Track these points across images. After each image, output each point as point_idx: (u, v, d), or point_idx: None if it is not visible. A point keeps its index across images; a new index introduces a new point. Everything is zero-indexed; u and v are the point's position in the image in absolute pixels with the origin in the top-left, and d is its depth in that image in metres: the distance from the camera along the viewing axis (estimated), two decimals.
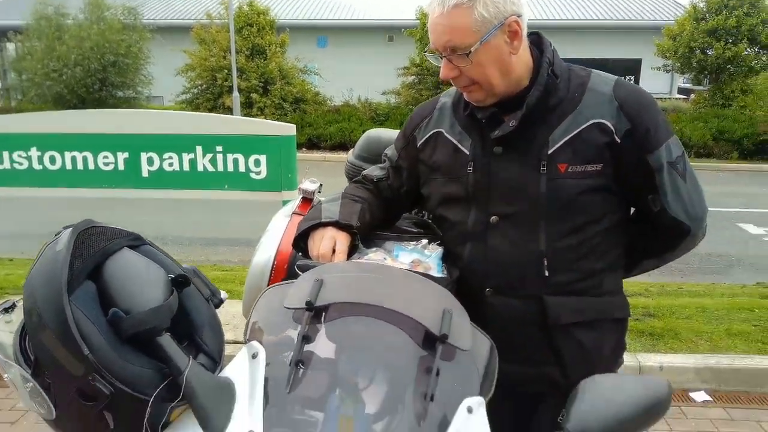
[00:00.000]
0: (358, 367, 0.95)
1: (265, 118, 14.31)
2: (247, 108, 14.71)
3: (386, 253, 1.39)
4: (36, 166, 3.58)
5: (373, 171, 1.61)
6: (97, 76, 15.23)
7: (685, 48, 14.91)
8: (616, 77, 1.39)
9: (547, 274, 1.34)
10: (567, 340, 1.38)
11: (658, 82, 19.16)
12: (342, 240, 1.35)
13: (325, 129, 14.31)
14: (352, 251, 1.39)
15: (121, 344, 0.88)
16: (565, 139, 1.31)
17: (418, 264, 1.35)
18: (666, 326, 3.73)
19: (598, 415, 0.90)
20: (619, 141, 1.30)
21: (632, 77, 14.87)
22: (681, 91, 21.10)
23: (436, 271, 1.35)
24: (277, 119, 13.20)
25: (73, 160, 3.56)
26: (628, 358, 2.79)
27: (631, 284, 4.34)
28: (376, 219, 1.51)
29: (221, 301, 1.10)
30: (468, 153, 1.40)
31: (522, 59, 1.34)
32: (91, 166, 3.57)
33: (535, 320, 1.36)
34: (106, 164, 3.57)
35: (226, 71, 14.44)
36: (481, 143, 1.39)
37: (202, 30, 15.40)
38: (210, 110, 15.01)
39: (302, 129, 13.68)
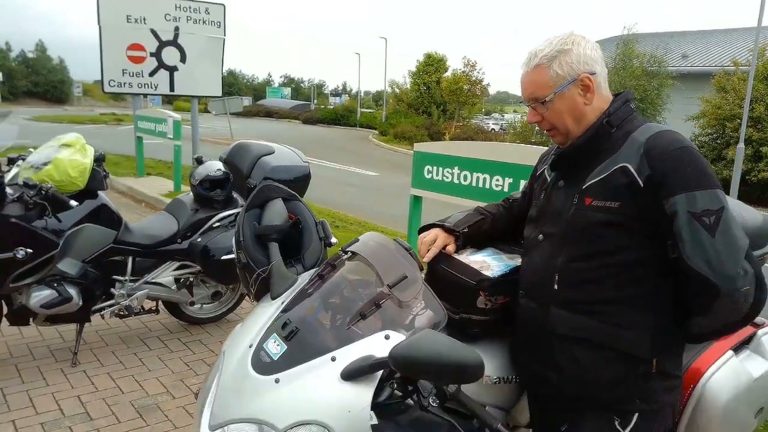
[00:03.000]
0: (341, 283, 1.60)
1: None
2: (754, 161, 13.32)
3: (470, 252, 1.84)
4: (455, 180, 4.84)
5: (516, 193, 2.00)
6: None
7: None
8: (666, 129, 1.47)
9: (556, 288, 1.56)
10: (564, 351, 1.55)
11: None
12: (441, 238, 1.82)
13: None
14: (459, 249, 1.87)
15: (257, 240, 1.79)
16: (598, 178, 1.52)
17: (481, 263, 1.76)
18: None
19: (417, 350, 1.26)
20: (642, 185, 1.42)
21: None
22: None
23: (492, 271, 1.72)
24: None
25: (477, 179, 4.67)
26: None
27: None
28: (499, 230, 1.92)
29: (331, 243, 1.87)
30: (547, 183, 1.71)
31: (597, 108, 1.58)
32: (488, 186, 4.60)
33: (544, 325, 1.58)
34: (497, 186, 4.53)
35: (738, 120, 13.45)
36: (555, 177, 1.68)
37: (724, 77, 14.73)
38: (712, 162, 14.27)
39: None
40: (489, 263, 1.77)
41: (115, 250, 3.83)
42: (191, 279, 4.23)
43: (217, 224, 4.14)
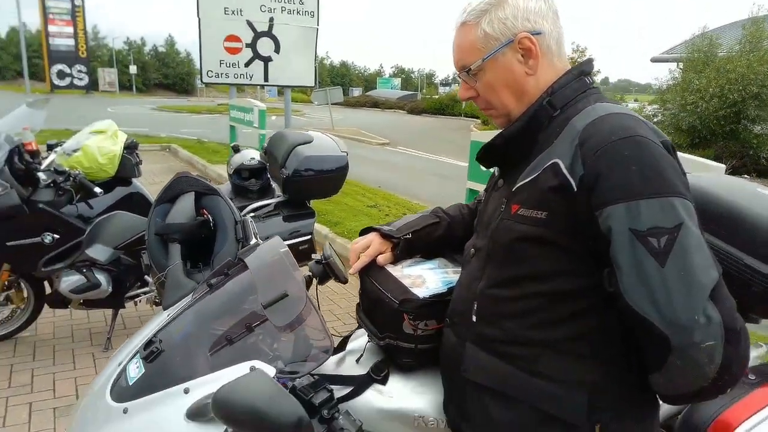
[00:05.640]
0: (224, 298, 1.33)
1: None
2: None
3: (410, 263, 1.50)
4: None
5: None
6: (734, 108, 14.75)
7: None
8: (617, 112, 1.06)
9: (474, 320, 1.19)
10: (477, 402, 1.20)
11: None
12: (375, 245, 1.49)
13: None
14: (397, 258, 1.53)
15: (161, 239, 1.57)
16: (528, 179, 1.15)
17: (415, 279, 1.42)
18: None
19: (235, 396, 0.98)
20: (575, 188, 1.04)
21: None
22: None
23: (424, 290, 1.38)
24: None
25: None
26: None
27: None
28: (457, 237, 1.56)
29: (249, 244, 1.60)
30: (492, 180, 1.36)
31: (543, 82, 1.20)
32: None
33: (459, 365, 1.23)
34: None
35: None
36: (498, 174, 1.32)
37: None
38: None
39: None
40: (426, 279, 1.44)
41: None
42: None
43: (252, 214, 4.03)
